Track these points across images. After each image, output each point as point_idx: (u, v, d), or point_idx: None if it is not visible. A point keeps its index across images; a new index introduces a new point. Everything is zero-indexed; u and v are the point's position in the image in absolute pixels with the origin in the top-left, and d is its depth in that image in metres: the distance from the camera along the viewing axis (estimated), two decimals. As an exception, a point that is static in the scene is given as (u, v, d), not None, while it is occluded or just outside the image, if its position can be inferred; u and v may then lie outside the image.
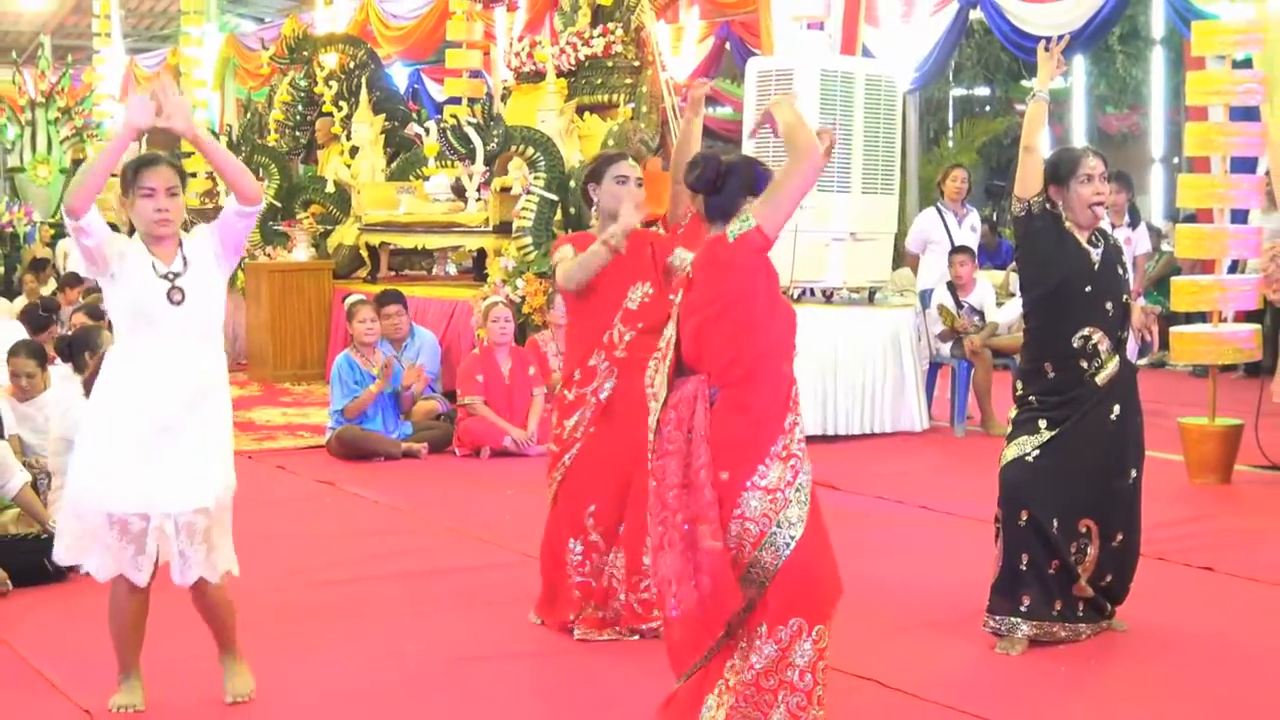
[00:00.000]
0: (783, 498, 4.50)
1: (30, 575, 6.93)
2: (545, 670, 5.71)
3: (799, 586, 4.47)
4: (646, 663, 5.38)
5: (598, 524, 5.99)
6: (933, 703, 5.16)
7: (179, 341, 4.98)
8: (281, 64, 16.28)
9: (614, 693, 5.36)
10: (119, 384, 5.00)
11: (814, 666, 4.46)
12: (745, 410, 4.54)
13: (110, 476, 4.90)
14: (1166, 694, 5.31)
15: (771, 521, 4.47)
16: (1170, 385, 12.12)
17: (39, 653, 5.92)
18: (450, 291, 12.61)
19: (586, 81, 12.68)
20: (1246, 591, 6.75)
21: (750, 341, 4.53)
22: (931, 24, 16.02)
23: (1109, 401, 5.81)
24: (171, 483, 4.92)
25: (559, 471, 6.04)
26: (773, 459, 4.52)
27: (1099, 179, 5.80)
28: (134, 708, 5.13)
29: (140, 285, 4.96)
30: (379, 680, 5.49)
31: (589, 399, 5.98)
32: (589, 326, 6.08)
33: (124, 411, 4.95)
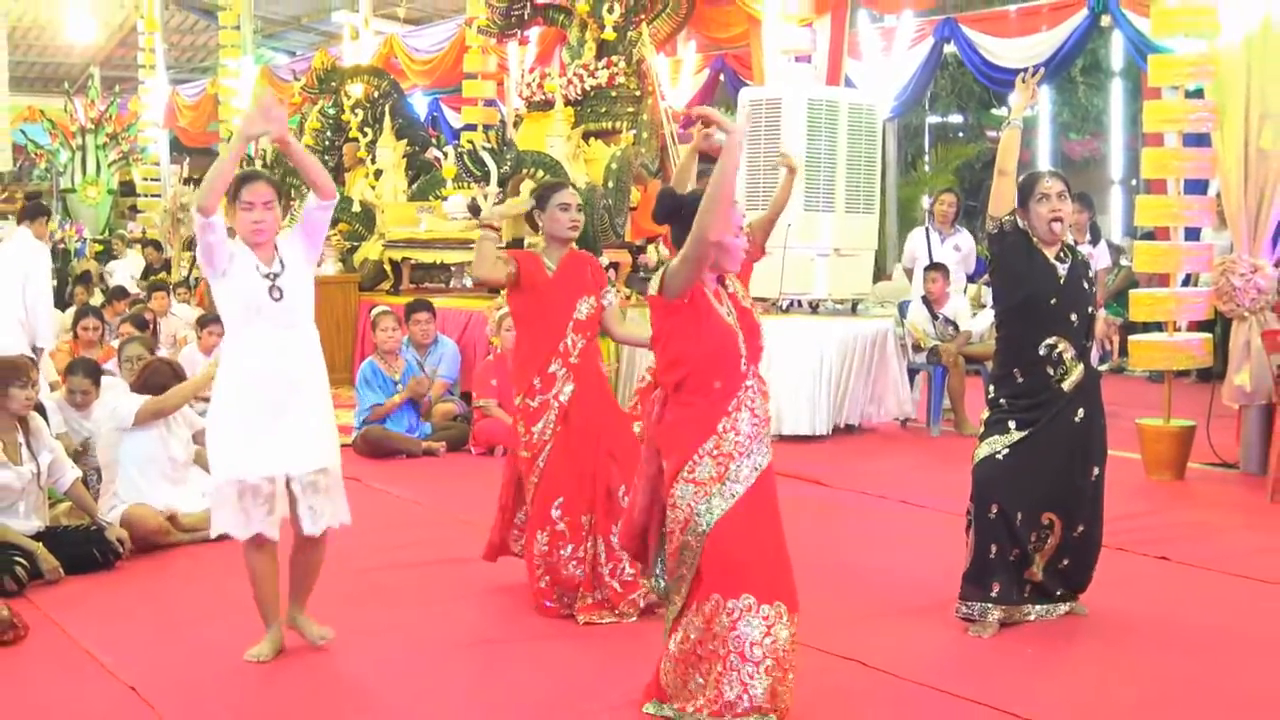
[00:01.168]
0: (706, 491, 4.61)
1: (81, 564, 6.95)
2: (550, 651, 5.71)
3: (717, 566, 4.57)
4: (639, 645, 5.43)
5: (564, 514, 6.06)
6: (910, 681, 5.17)
7: (282, 330, 5.36)
8: (312, 93, 16.27)
9: (611, 670, 5.36)
10: (236, 369, 5.36)
11: (758, 641, 4.50)
12: (678, 413, 4.72)
13: (240, 448, 5.29)
14: (1125, 673, 5.31)
15: (693, 510, 4.60)
16: (1129, 389, 12.12)
17: (88, 635, 5.93)
18: (466, 302, 12.60)
19: (592, 110, 12.68)
20: (1199, 579, 6.76)
21: (677, 363, 4.69)
22: (909, 57, 16.07)
23: (1074, 405, 5.82)
24: (294, 448, 5.32)
25: (535, 475, 6.11)
26: (703, 456, 4.63)
27: (1055, 197, 5.81)
28: (264, 657, 5.41)
29: (247, 284, 5.30)
30: (401, 658, 5.50)
31: (551, 403, 6.10)
32: (544, 338, 6.20)
33: (244, 392, 5.33)
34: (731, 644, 4.49)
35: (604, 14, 12.50)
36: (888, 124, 15.86)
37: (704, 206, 4.48)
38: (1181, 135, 9.18)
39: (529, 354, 6.28)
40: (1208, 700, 5.01)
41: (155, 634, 6.01)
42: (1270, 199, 8.91)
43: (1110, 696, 5.04)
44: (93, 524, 7.27)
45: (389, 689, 5.23)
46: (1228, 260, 9.10)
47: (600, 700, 5.06)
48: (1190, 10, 8.96)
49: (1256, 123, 8.86)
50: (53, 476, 7.25)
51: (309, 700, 5.14)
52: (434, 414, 10.67)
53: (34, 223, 10.87)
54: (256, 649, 5.42)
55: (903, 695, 5.08)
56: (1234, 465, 9.43)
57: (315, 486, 5.38)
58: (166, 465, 7.68)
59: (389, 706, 5.06)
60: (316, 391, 5.47)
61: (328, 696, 5.17)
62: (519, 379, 6.30)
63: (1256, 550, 7.26)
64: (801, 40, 12.12)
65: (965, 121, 22.77)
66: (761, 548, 4.61)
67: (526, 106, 13.48)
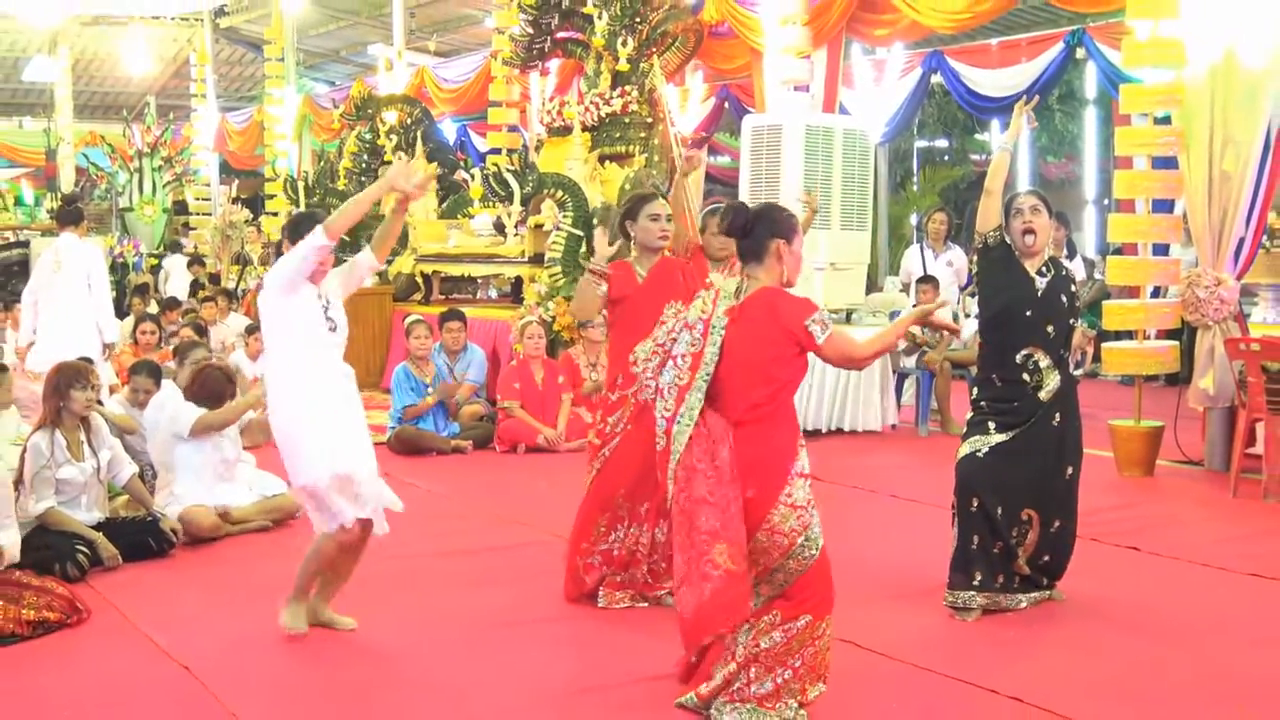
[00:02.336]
0: (808, 514, 4.51)
1: (137, 552, 6.98)
2: (572, 632, 5.72)
3: (813, 590, 4.51)
4: (658, 627, 5.42)
5: (624, 503, 5.99)
6: (900, 661, 5.18)
7: (334, 350, 5.54)
8: (350, 120, 16.31)
9: (631, 650, 5.36)
10: (307, 382, 5.44)
11: (820, 650, 4.51)
12: (768, 439, 4.53)
13: (322, 450, 5.35)
14: (1098, 653, 5.30)
15: (799, 535, 4.47)
16: (1102, 393, 12.10)
17: (145, 618, 5.94)
18: (492, 312, 12.62)
19: (607, 135, 12.68)
20: (1167, 567, 6.76)
21: (780, 387, 4.55)
22: (899, 86, 16.08)
23: (1052, 411, 5.81)
24: (360, 449, 5.46)
25: (599, 461, 6.03)
26: (794, 478, 4.52)
27: (1028, 210, 5.81)
28: (299, 630, 5.49)
29: (311, 307, 5.45)
30: (435, 637, 5.51)
31: (629, 399, 5.94)
32: (631, 338, 5.87)
33: (317, 401, 5.42)
34: (809, 658, 4.48)
35: (618, 47, 12.51)
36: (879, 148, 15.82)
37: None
38: (1150, 159, 9.17)
39: (618, 353, 6.13)
40: (1173, 677, 5.01)
41: (206, 617, 6.01)
42: (1232, 218, 8.91)
43: (1084, 675, 5.04)
44: (148, 515, 7.29)
45: (425, 666, 5.24)
46: (1193, 274, 9.10)
47: (627, 675, 5.08)
48: (1158, 43, 8.96)
49: (1220, 147, 8.86)
50: (112, 471, 7.27)
51: (349, 676, 5.14)
52: (461, 415, 10.69)
53: (76, 226, 10.89)
54: (300, 623, 5.51)
55: (893, 674, 5.08)
56: (1199, 463, 9.41)
57: (375, 483, 5.49)
58: (219, 466, 7.70)
59: (426, 682, 5.06)
60: (359, 405, 5.62)
61: (367, 673, 5.17)
62: (609, 374, 6.26)
63: (1219, 541, 7.26)
64: (800, 71, 12.12)
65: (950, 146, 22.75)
66: (830, 569, 4.59)
67: (547, 132, 13.49)
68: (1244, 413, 8.58)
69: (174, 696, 4.96)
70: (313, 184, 15.99)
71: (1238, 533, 7.49)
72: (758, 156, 11.19)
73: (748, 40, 12.74)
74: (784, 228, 4.70)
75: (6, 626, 5.62)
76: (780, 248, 4.66)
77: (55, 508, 6.88)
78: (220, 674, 5.13)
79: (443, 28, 22.84)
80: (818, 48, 12.23)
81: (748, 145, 11.41)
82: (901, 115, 16.42)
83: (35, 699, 4.96)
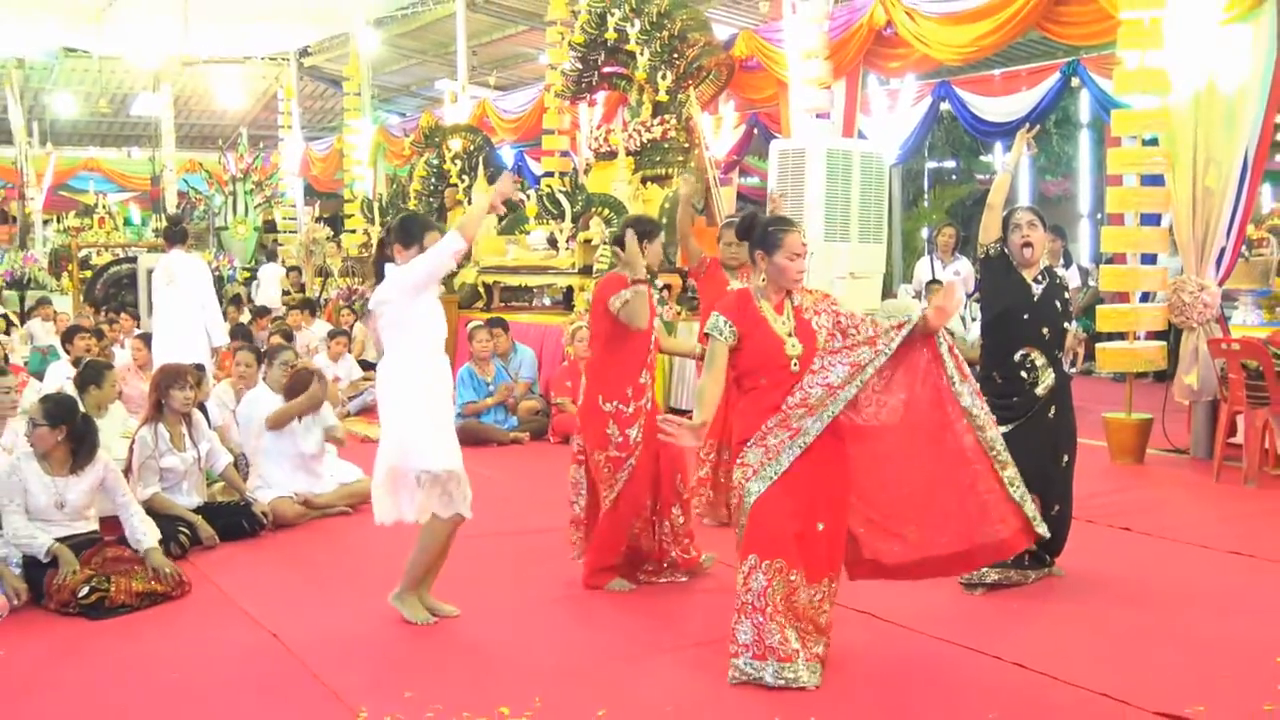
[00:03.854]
0: (751, 472, 4.54)
1: (232, 533, 7.05)
2: (622, 601, 5.73)
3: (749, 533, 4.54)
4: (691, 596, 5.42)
5: (651, 505, 5.96)
6: (917, 631, 5.17)
7: (442, 349, 5.39)
8: (419, 148, 16.38)
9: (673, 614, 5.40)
10: (427, 377, 5.31)
11: (764, 592, 4.45)
12: (744, 407, 4.68)
13: (422, 444, 5.24)
14: (1093, 623, 5.26)
15: (740, 488, 4.56)
16: (1096, 389, 12.01)
17: (238, 591, 5.99)
18: (546, 318, 12.64)
19: (648, 159, 12.68)
20: (1155, 546, 6.72)
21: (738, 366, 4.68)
22: (911, 113, 16.00)
23: (1048, 405, 5.79)
24: (452, 447, 5.32)
25: (625, 472, 5.80)
26: (754, 444, 4.57)
27: (1025, 225, 5.80)
28: (428, 620, 5.36)
29: (434, 310, 5.33)
30: (492, 609, 5.53)
31: (643, 410, 5.82)
32: (633, 353, 5.85)
33: (442, 396, 5.39)
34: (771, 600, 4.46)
35: (658, 80, 12.51)
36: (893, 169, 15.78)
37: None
38: (1140, 177, 9.11)
39: (620, 368, 5.86)
40: (1161, 643, 4.97)
41: (292, 590, 6.06)
42: (1214, 229, 8.86)
43: (1080, 642, 5.00)
44: (241, 500, 7.36)
45: (487, 634, 5.27)
46: (1179, 281, 9.04)
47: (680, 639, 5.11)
48: (1146, 73, 8.91)
49: (1202, 166, 8.81)
50: (209, 461, 7.35)
51: (419, 640, 5.16)
52: (519, 410, 10.73)
53: (182, 243, 10.99)
54: (421, 614, 5.38)
55: (909, 643, 5.07)
56: (1185, 451, 9.35)
57: (460, 480, 5.36)
58: (298, 459, 7.73)
59: (489, 648, 5.08)
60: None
61: (435, 637, 5.20)
62: (612, 389, 5.84)
63: (1203, 522, 7.21)
64: (821, 101, 12.08)
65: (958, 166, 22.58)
66: (785, 517, 4.54)
67: (595, 156, 13.51)
68: (1225, 406, 8.54)
69: (264, 659, 5.00)
70: (386, 205, 16.04)
71: (1220, 514, 7.44)
72: (784, 177, 11.16)
73: (774, 73, 12.71)
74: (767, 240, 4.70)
75: (120, 598, 5.68)
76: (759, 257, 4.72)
77: (160, 493, 6.96)
78: (305, 640, 5.17)
79: (501, 64, 22.92)
80: (838, 79, 12.19)
81: (775, 167, 11.38)
82: (913, 139, 16.35)
83: (145, 660, 5.02)
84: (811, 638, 4.57)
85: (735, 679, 4.48)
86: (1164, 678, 4.55)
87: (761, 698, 4.39)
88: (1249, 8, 8.52)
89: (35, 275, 19.99)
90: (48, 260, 21.03)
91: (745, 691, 4.45)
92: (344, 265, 18.38)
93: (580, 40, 13.04)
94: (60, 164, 27.84)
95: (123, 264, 19.65)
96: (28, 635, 5.37)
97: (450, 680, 4.66)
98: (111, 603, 5.65)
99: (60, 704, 4.56)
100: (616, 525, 5.89)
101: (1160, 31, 8.82)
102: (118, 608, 5.65)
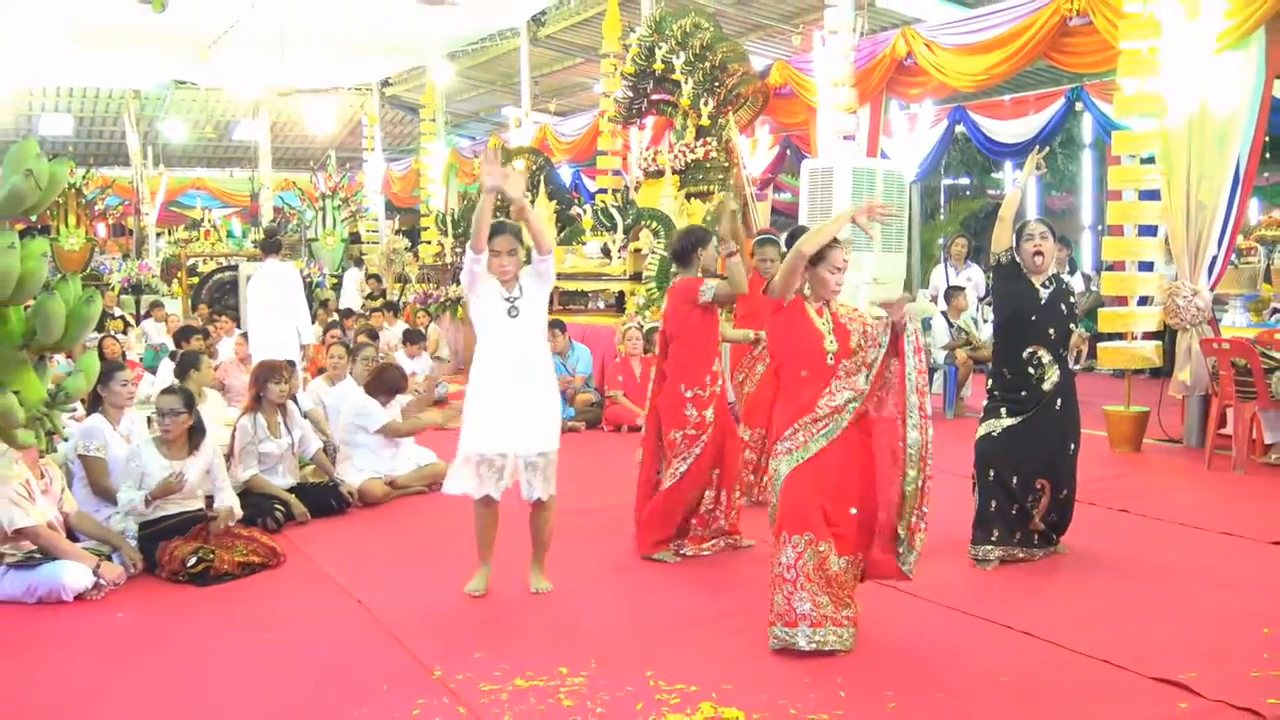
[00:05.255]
0: (783, 456, 4.58)
1: (322, 510, 7.12)
2: (669, 573, 5.73)
3: (780, 510, 4.56)
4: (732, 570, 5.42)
5: (716, 478, 6.06)
6: (934, 602, 5.14)
7: (513, 340, 5.18)
8: (487, 167, 16.40)
9: (715, 585, 5.39)
10: (481, 368, 5.24)
11: (793, 564, 4.46)
12: (786, 397, 4.70)
13: (482, 429, 5.16)
14: (1095, 596, 5.22)
15: (773, 472, 4.62)
16: (1097, 384, 11.89)
17: (328, 562, 6.04)
18: (600, 319, 12.65)
19: (692, 177, 12.66)
20: (1152, 527, 6.65)
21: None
22: (929, 135, 15.92)
23: (1055, 398, 5.75)
24: (523, 433, 5.18)
25: (698, 447, 5.94)
26: (787, 438, 4.60)
27: (1037, 236, 5.76)
28: (478, 592, 5.32)
29: (491, 305, 5.21)
30: (551, 579, 5.51)
31: (715, 395, 5.99)
32: (708, 346, 6.04)
33: (486, 386, 5.20)
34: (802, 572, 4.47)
35: (701, 107, 12.50)
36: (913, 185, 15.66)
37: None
38: (1138, 192, 9.03)
39: (698, 359, 6.01)
40: (1157, 615, 4.92)
41: (376, 561, 6.11)
42: (1207, 239, 8.78)
43: (1084, 613, 4.96)
44: (330, 481, 7.42)
45: (556, 602, 5.28)
46: (1174, 286, 8.97)
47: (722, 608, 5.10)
48: (1144, 98, 8.82)
49: (1196, 182, 8.74)
50: (302, 447, 7.42)
51: (491, 607, 5.19)
52: (576, 401, 10.74)
53: (277, 253, 11.10)
54: (473, 584, 5.35)
55: (926, 613, 5.05)
56: (1179, 441, 9.27)
57: (535, 466, 5.25)
58: (384, 444, 7.78)
59: (557, 615, 5.10)
60: (543, 389, 5.27)
61: (506, 605, 5.22)
62: (692, 377, 5.97)
63: (1196, 505, 7.13)
64: (848, 124, 12.01)
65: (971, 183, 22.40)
66: (811, 496, 4.54)
67: (644, 175, 13.51)
68: (1216, 400, 8.47)
69: (350, 623, 5.04)
70: (458, 219, 16.12)
71: (1211, 498, 7.36)
72: (814, 193, 11.12)
73: (805, 99, 12.66)
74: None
75: (223, 567, 5.75)
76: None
77: (258, 475, 7.03)
78: (386, 606, 5.21)
79: (560, 93, 22.95)
80: (863, 105, 12.12)
81: (806, 184, 11.34)
82: (931, 158, 16.26)
83: (245, 622, 5.07)
84: (844, 602, 4.56)
85: (775, 646, 4.47)
86: (1160, 646, 4.50)
87: (795, 660, 4.39)
88: (1238, 39, 8.43)
89: (149, 281, 20.24)
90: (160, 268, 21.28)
91: (781, 655, 4.44)
92: (420, 272, 18.48)
93: (631, 71, 13.05)
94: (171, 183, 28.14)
95: (225, 271, 19.86)
96: (144, 600, 5.45)
97: (515, 643, 4.67)
98: (216, 571, 5.72)
99: (173, 659, 4.62)
100: (674, 499, 5.99)
101: (1157, 60, 8.74)
102: (221, 576, 5.72)
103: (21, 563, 5.43)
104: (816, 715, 3.88)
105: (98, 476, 6.30)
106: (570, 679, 4.23)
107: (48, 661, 4.64)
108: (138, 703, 4.16)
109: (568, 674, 4.27)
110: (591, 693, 4.10)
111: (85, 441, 6.34)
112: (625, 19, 15.43)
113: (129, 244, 24.63)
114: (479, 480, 5.21)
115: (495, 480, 5.22)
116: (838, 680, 4.19)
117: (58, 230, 18.20)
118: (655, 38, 12.74)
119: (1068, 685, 4.14)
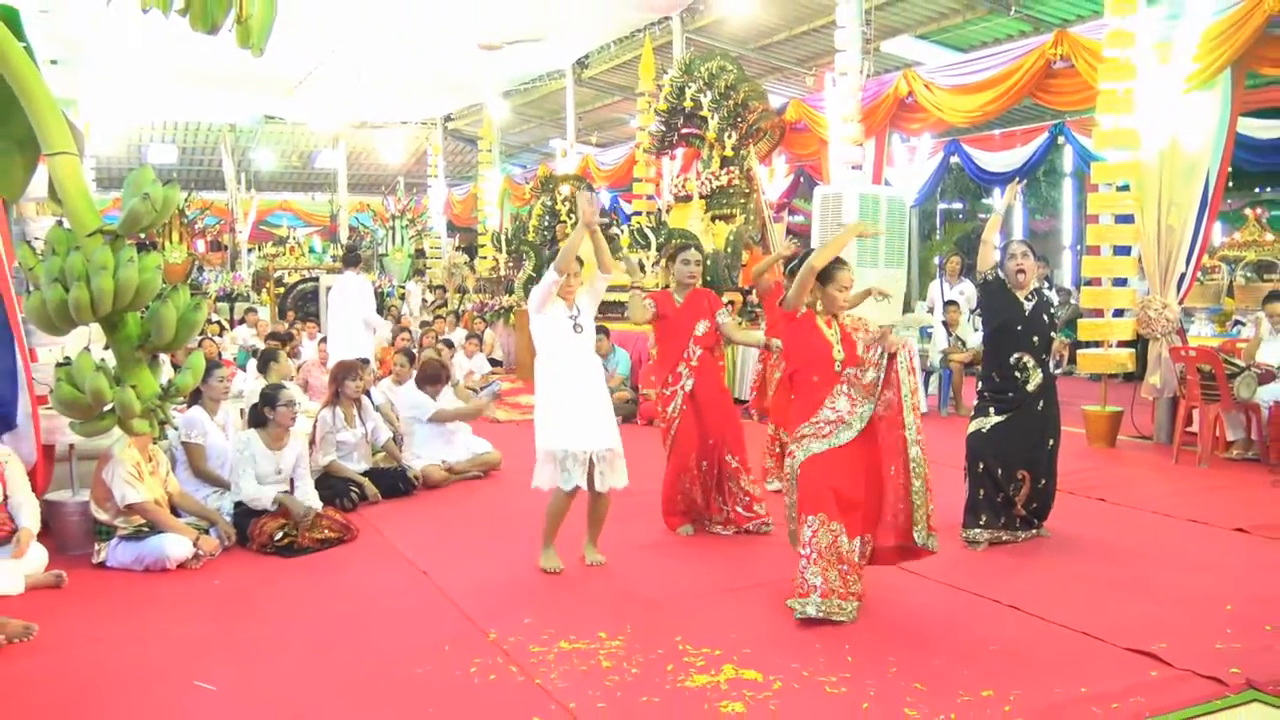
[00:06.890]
0: (801, 448, 4.58)
1: (391, 492, 7.15)
2: (696, 549, 5.72)
3: (798, 494, 4.57)
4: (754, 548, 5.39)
5: (696, 463, 6.05)
6: (930, 579, 5.11)
7: (578, 352, 5.25)
8: (536, 192, 16.46)
9: (738, 561, 5.38)
10: (550, 377, 5.23)
11: (808, 541, 4.48)
12: (799, 399, 4.72)
13: (561, 430, 5.15)
14: (1075, 575, 5.17)
15: (792, 462, 4.62)
16: (1077, 386, 11.79)
17: (397, 537, 6.08)
18: (635, 327, 12.63)
19: (716, 201, 12.65)
20: (1126, 514, 6.57)
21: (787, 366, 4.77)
22: (927, 164, 15.83)
23: (1037, 399, 5.71)
24: (594, 432, 5.18)
25: (669, 439, 6.09)
26: (802, 431, 4.62)
27: (1020, 255, 5.74)
28: (557, 569, 5.29)
29: (557, 321, 5.26)
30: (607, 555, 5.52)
31: (679, 391, 6.05)
32: (674, 348, 6.13)
33: (558, 392, 5.19)
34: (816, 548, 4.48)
35: (725, 139, 12.49)
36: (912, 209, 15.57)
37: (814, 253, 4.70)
38: (1114, 216, 8.95)
39: (663, 360, 6.21)
40: (1130, 592, 4.87)
41: (439, 537, 6.14)
42: (1176, 258, 8.71)
43: (1065, 590, 4.92)
44: (398, 466, 7.45)
45: (604, 575, 5.29)
46: (1146, 300, 8.90)
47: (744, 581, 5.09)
48: (1120, 133, 8.75)
49: (1166, 208, 8.68)
50: (374, 436, 7.45)
51: (541, 579, 5.21)
52: (615, 398, 10.73)
53: (356, 266, 11.17)
54: (553, 562, 5.31)
55: (924, 588, 5.02)
56: (1149, 438, 9.18)
57: (605, 459, 5.23)
58: (443, 434, 7.82)
59: (607, 585, 5.10)
60: (603, 393, 5.31)
61: (554, 577, 5.23)
62: (659, 375, 6.21)
63: (1165, 495, 7.04)
64: (855, 155, 11.97)
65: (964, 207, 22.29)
66: (825, 480, 4.53)
67: (674, 199, 13.51)
68: (1184, 402, 8.39)
69: (416, 591, 5.07)
70: (510, 237, 16.17)
71: (1179, 489, 7.27)
72: (825, 216, 11.07)
73: (818, 133, 12.62)
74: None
75: (305, 542, 5.80)
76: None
77: (336, 460, 7.08)
78: (448, 576, 5.23)
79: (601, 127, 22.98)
80: (869, 138, 12.08)
81: (818, 208, 11.30)
82: (928, 185, 16.17)
83: (321, 593, 5.11)
84: (852, 578, 4.55)
85: (798, 615, 4.46)
86: (1133, 620, 4.46)
87: (807, 629, 4.38)
88: (1205, 80, 8.36)
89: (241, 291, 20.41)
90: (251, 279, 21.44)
91: (795, 625, 4.43)
92: (477, 284, 18.56)
93: (664, 108, 13.07)
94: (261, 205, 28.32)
95: (307, 282, 20.01)
96: (237, 569, 5.50)
97: (560, 610, 4.68)
98: (298, 546, 5.77)
99: (262, 620, 4.67)
100: (668, 483, 6.10)
101: (1131, 99, 8.67)
102: (303, 549, 5.77)
103: (131, 535, 5.49)
104: (826, 677, 3.87)
105: (198, 461, 6.37)
106: (609, 642, 4.23)
107: (156, 621, 4.69)
108: (232, 657, 4.21)
109: (606, 638, 4.28)
110: (628, 654, 4.10)
111: (188, 430, 6.40)
112: (659, 62, 15.45)
113: (224, 258, 24.86)
114: (566, 473, 5.18)
115: (582, 473, 5.20)
116: (845, 647, 4.18)
117: (163, 246, 18.37)
118: (685, 79, 12.75)
119: (1050, 653, 4.11)
